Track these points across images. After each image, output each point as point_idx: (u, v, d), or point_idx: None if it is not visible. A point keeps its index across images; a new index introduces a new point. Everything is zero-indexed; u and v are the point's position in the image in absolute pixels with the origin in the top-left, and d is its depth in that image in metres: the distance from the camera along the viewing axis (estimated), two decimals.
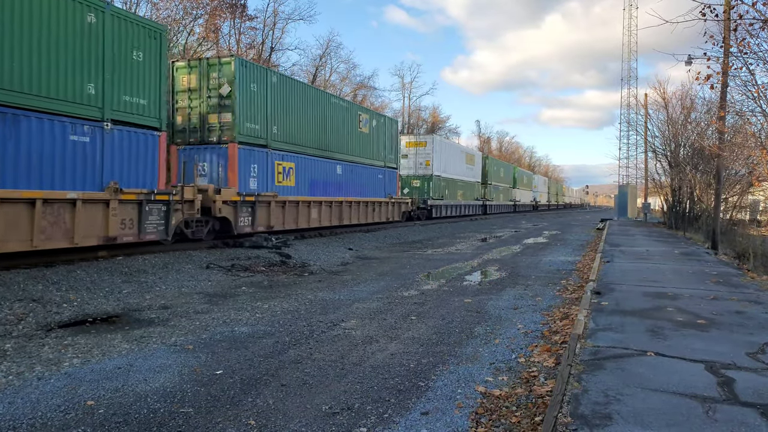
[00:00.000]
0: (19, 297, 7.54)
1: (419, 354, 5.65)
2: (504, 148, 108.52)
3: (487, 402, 4.34)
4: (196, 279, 10.07)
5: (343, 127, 21.02)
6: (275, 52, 42.24)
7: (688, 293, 8.28)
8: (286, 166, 17.16)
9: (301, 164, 18.00)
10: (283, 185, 16.89)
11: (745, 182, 22.26)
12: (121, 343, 5.93)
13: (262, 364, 5.24)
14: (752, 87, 12.45)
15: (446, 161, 35.93)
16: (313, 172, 18.77)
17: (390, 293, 9.20)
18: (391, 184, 25.64)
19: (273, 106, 16.58)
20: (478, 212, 44.73)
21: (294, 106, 17.68)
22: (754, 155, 15.07)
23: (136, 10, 30.28)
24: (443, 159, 35.34)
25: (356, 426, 3.88)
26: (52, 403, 4.21)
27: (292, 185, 17.45)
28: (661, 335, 5.70)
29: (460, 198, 39.03)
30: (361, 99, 55.22)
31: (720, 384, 4.21)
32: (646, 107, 34.17)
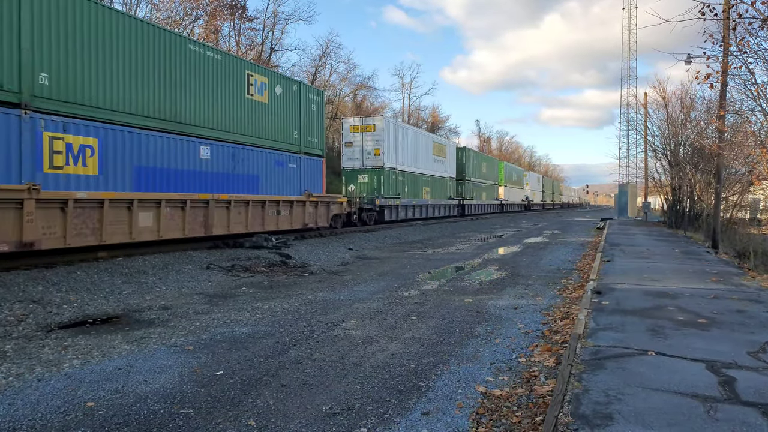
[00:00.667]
0: (19, 298, 7.54)
1: (420, 354, 5.64)
2: (504, 147, 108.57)
3: (488, 402, 4.33)
4: (197, 279, 10.06)
5: (216, 90, 14.34)
6: (275, 53, 42.26)
7: (689, 292, 8.27)
8: (77, 142, 10.50)
9: (114, 141, 11.28)
10: (65, 173, 10.30)
11: (745, 181, 22.25)
12: (121, 344, 5.92)
13: (262, 365, 5.23)
14: (752, 86, 12.45)
15: (404, 151, 28.79)
16: (145, 154, 12.04)
17: (390, 293, 9.19)
18: (312, 177, 18.85)
19: (39, 36, 9.83)
20: (453, 213, 38.19)
21: (103, 45, 11.06)
22: (754, 154, 15.06)
23: (136, 12, 30.30)
24: (400, 147, 28.13)
25: (356, 426, 3.87)
26: (52, 404, 4.20)
27: (93, 174, 10.84)
28: (661, 334, 5.69)
29: (426, 196, 32.11)
30: (361, 99, 55.24)
31: (721, 383, 4.20)
32: (645, 106, 34.17)
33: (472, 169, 42.65)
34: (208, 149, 14.03)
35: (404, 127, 30.15)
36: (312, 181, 18.93)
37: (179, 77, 13.13)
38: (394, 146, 27.34)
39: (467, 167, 41.16)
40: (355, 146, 26.51)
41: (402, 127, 29.40)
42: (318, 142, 19.47)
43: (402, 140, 28.52)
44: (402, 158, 28.41)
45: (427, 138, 33.49)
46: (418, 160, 30.94)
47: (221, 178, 14.48)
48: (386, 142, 26.39)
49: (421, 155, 31.47)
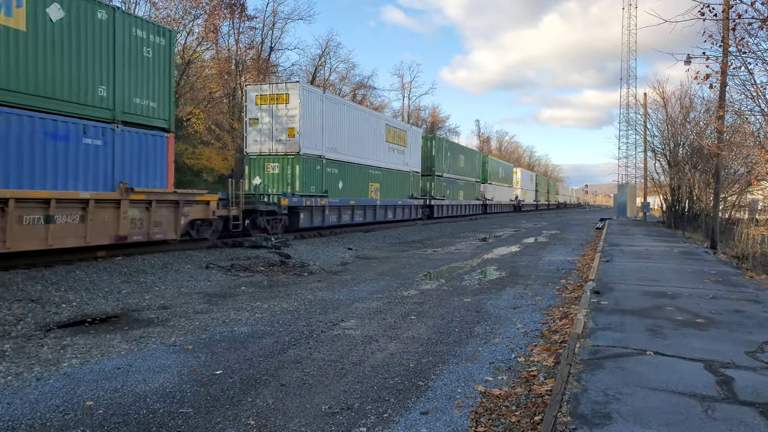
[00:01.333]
0: (17, 297, 7.54)
1: (419, 354, 5.65)
2: (504, 147, 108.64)
3: (487, 401, 4.34)
4: (196, 279, 10.06)
5: None
6: (275, 52, 42.24)
7: (688, 292, 8.29)
8: None
9: None
10: None
11: (744, 181, 22.27)
12: (120, 343, 5.92)
13: (261, 364, 5.24)
14: (751, 86, 12.45)
15: (337, 132, 21.30)
16: None
17: (390, 293, 9.20)
18: (140, 161, 12.14)
19: None
20: (416, 215, 30.31)
21: None
22: (753, 154, 15.08)
23: (135, 10, 30.29)
24: (330, 128, 20.78)
25: (356, 426, 3.88)
26: (51, 403, 4.20)
27: None
28: (660, 334, 5.70)
29: (374, 195, 24.61)
30: (361, 98, 55.22)
31: (719, 383, 4.21)
32: (645, 106, 34.19)
33: (445, 163, 35.16)
34: None
35: (337, 101, 21.90)
36: (141, 168, 12.10)
37: None
38: (318, 126, 19.80)
39: (438, 160, 33.66)
40: (263, 124, 19.25)
41: (333, 101, 21.16)
42: (160, 108, 12.68)
43: (333, 118, 20.90)
44: (333, 142, 20.85)
45: (378, 120, 25.36)
46: (363, 147, 23.24)
47: None
48: (306, 119, 18.98)
49: (368, 141, 23.79)
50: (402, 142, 28.15)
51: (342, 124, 21.62)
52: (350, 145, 22.35)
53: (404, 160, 28.39)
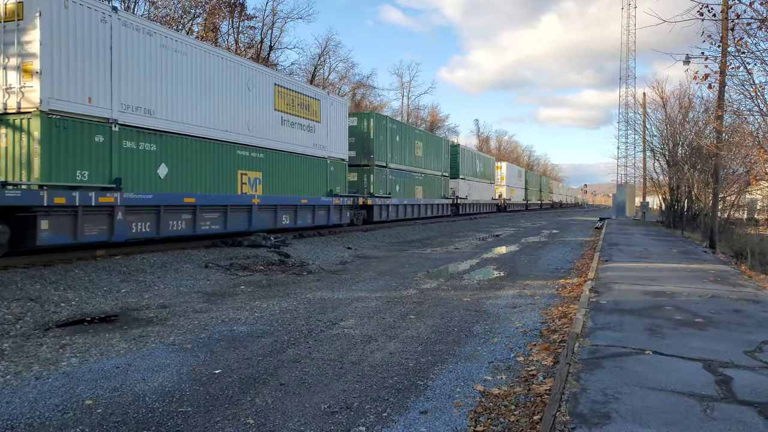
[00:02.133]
0: (16, 296, 7.53)
1: (418, 353, 5.65)
2: (503, 147, 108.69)
3: (486, 401, 4.34)
4: (195, 278, 10.06)
5: None
6: (274, 51, 42.23)
7: (686, 292, 8.30)
8: None
9: None
10: None
11: (743, 181, 22.30)
12: (119, 342, 5.92)
13: (260, 364, 5.23)
14: (750, 86, 12.47)
15: (151, 81, 12.26)
16: None
17: (389, 292, 9.20)
18: None
19: None
20: (339, 219, 20.86)
21: None
22: (752, 154, 15.10)
23: (134, 10, 30.26)
24: (130, 71, 11.67)
25: (355, 425, 3.88)
26: (50, 402, 4.20)
27: None
28: (659, 334, 5.70)
29: (248, 190, 15.69)
30: (360, 98, 55.23)
31: (718, 382, 4.22)
32: (644, 106, 34.22)
33: (393, 151, 26.51)
34: None
35: (155, 30, 12.62)
36: None
37: None
38: (95, 58, 10.88)
39: (379, 146, 24.92)
40: None
41: (144, 30, 12.17)
42: None
43: (142, 58, 12.02)
44: (143, 97, 11.99)
45: (258, 75, 16.09)
46: (221, 112, 14.43)
47: None
48: (54, 47, 10.04)
49: (235, 105, 15.02)
50: (312, 115, 18.83)
51: (166, 71, 12.60)
52: (187, 106, 13.18)
53: (316, 140, 19.03)
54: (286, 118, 17.46)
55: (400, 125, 29.20)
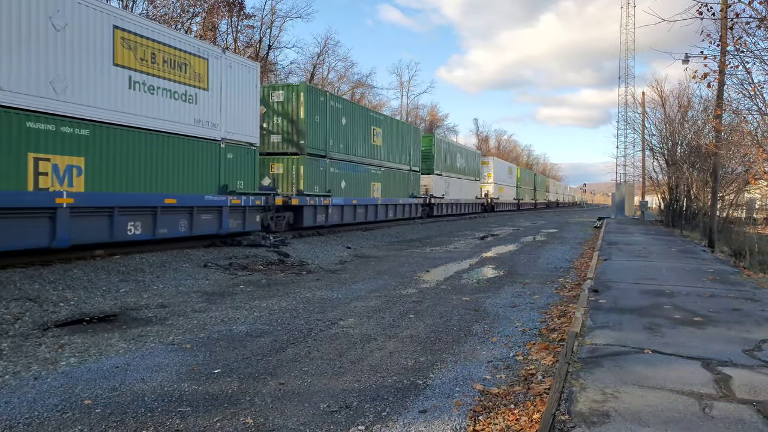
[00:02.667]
0: (15, 296, 7.52)
1: (417, 352, 5.65)
2: (502, 146, 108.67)
3: (485, 400, 4.34)
4: (194, 278, 10.05)
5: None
6: (273, 50, 42.20)
7: (685, 291, 8.30)
8: None
9: None
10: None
11: (742, 180, 22.30)
12: (118, 342, 5.91)
13: (260, 363, 5.23)
14: (748, 85, 12.49)
15: None
16: None
17: (388, 291, 9.20)
18: None
19: None
20: (237, 226, 14.78)
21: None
22: (751, 153, 15.10)
23: (133, 8, 30.22)
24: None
25: (354, 424, 3.88)
26: (49, 402, 4.20)
27: None
28: (658, 333, 5.71)
29: (42, 183, 9.65)
30: (360, 97, 55.19)
31: (717, 381, 4.22)
32: (643, 105, 34.24)
33: (334, 137, 20.87)
34: None
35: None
36: None
37: None
38: None
39: (314, 127, 19.42)
40: None
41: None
42: None
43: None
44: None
45: (73, 6, 10.33)
46: None
47: None
48: None
49: (19, 49, 9.32)
50: (193, 79, 13.38)
51: None
52: None
53: (199, 115, 13.58)
54: (141, 79, 11.82)
55: (348, 105, 22.81)
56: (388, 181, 26.18)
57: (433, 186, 32.98)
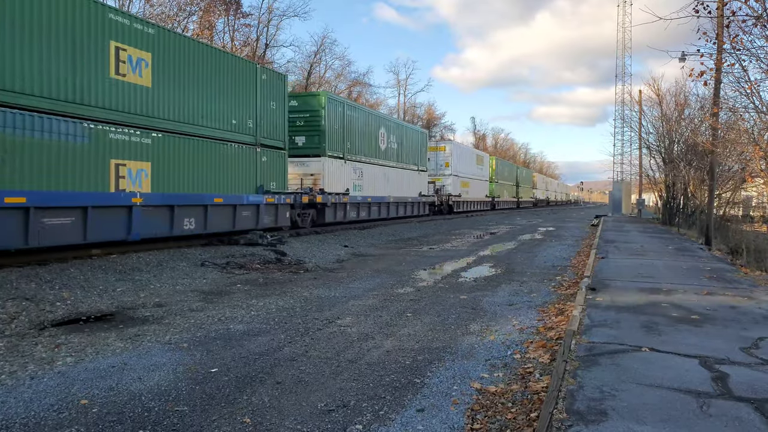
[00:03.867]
0: (11, 295, 7.49)
1: (415, 351, 5.65)
2: (499, 144, 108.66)
3: (483, 398, 4.34)
4: (191, 277, 10.03)
5: None
6: (270, 49, 42.11)
7: (683, 289, 8.32)
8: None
9: None
10: None
11: (738, 178, 22.39)
12: (115, 341, 5.89)
13: (257, 362, 5.22)
14: (745, 83, 12.52)
15: None
16: None
17: (385, 290, 9.19)
18: None
19: None
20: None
21: None
22: (747, 151, 15.14)
23: (129, 8, 30.13)
24: None
25: (352, 423, 3.87)
26: (46, 402, 4.18)
27: None
28: (655, 331, 5.72)
29: None
30: (357, 95, 55.13)
31: (714, 379, 4.22)
32: (640, 104, 34.30)
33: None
34: None
35: None
36: None
37: None
38: None
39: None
40: None
41: None
42: None
43: None
44: None
45: None
46: None
47: None
48: None
49: None
50: None
51: None
52: None
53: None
54: None
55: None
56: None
57: (325, 176, 20.25)
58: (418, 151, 30.81)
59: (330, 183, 20.49)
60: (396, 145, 27.73)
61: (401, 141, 28.48)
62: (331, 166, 20.69)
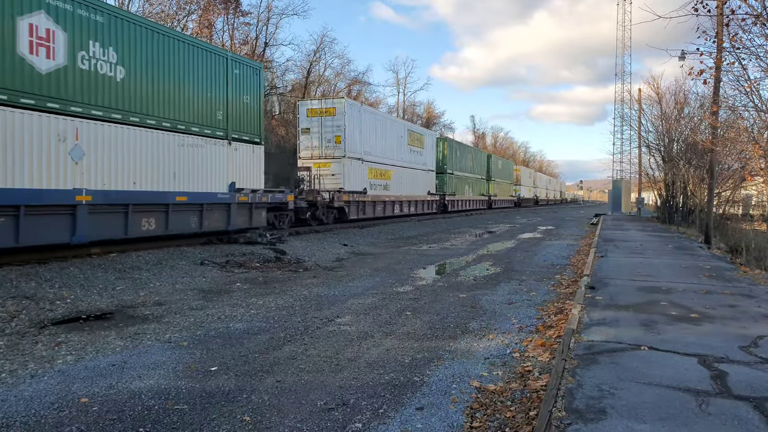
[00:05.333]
0: (11, 294, 7.49)
1: (414, 349, 5.65)
2: (499, 143, 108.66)
3: (482, 397, 4.34)
4: (191, 275, 10.03)
5: None
6: (269, 48, 42.07)
7: (682, 287, 8.32)
8: None
9: None
10: None
11: (738, 177, 22.37)
12: (115, 340, 5.90)
13: (257, 360, 5.23)
14: (744, 82, 12.52)
15: None
16: None
17: (385, 289, 9.20)
18: None
19: None
20: None
21: None
22: (747, 150, 15.14)
23: (129, 7, 30.09)
24: None
25: (351, 421, 3.88)
26: (46, 400, 4.19)
27: None
28: (654, 329, 5.72)
29: None
30: (356, 94, 55.08)
31: (713, 377, 4.23)
32: (639, 102, 34.28)
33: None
34: None
35: None
36: None
37: None
38: None
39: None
40: None
41: None
42: None
43: None
44: None
45: None
46: None
47: None
48: None
49: None
50: None
51: None
52: None
53: None
54: None
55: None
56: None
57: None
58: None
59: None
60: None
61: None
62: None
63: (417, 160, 30.60)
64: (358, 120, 23.19)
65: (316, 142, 22.33)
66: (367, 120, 24.25)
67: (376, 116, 26.46)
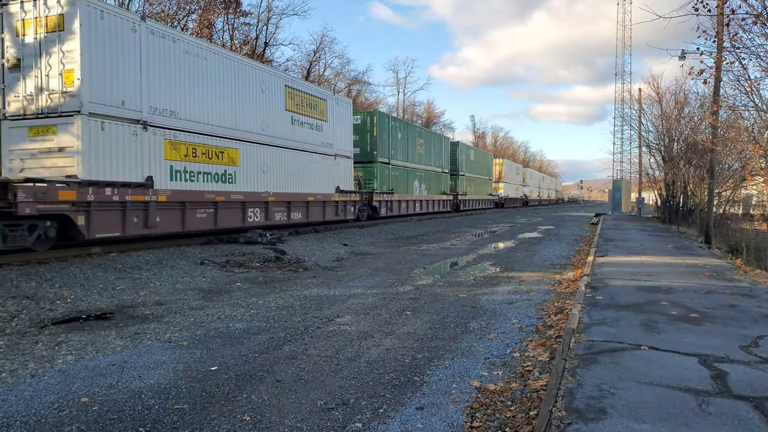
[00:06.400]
0: (12, 294, 7.50)
1: (414, 349, 5.65)
2: (498, 143, 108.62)
3: (482, 396, 4.34)
4: (191, 275, 10.04)
5: None
6: (269, 48, 42.06)
7: (682, 287, 8.32)
8: None
9: None
10: None
11: (738, 176, 22.36)
12: (115, 339, 5.90)
13: (257, 360, 5.23)
14: (745, 81, 12.52)
15: None
16: None
17: (385, 288, 9.20)
18: None
19: None
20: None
21: None
22: (747, 149, 15.15)
23: (129, 6, 30.08)
24: None
25: (351, 421, 3.88)
26: (46, 400, 4.19)
27: None
28: (654, 329, 5.72)
29: None
30: (356, 94, 55.08)
31: (713, 377, 4.23)
32: (640, 102, 34.28)
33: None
34: None
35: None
36: None
37: None
38: None
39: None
40: None
41: None
42: None
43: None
44: None
45: None
46: None
47: None
48: None
49: None
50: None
51: None
52: None
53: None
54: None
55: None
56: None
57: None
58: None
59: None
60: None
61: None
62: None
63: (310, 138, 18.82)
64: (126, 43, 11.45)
65: None
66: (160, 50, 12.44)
67: (195, 47, 13.55)
